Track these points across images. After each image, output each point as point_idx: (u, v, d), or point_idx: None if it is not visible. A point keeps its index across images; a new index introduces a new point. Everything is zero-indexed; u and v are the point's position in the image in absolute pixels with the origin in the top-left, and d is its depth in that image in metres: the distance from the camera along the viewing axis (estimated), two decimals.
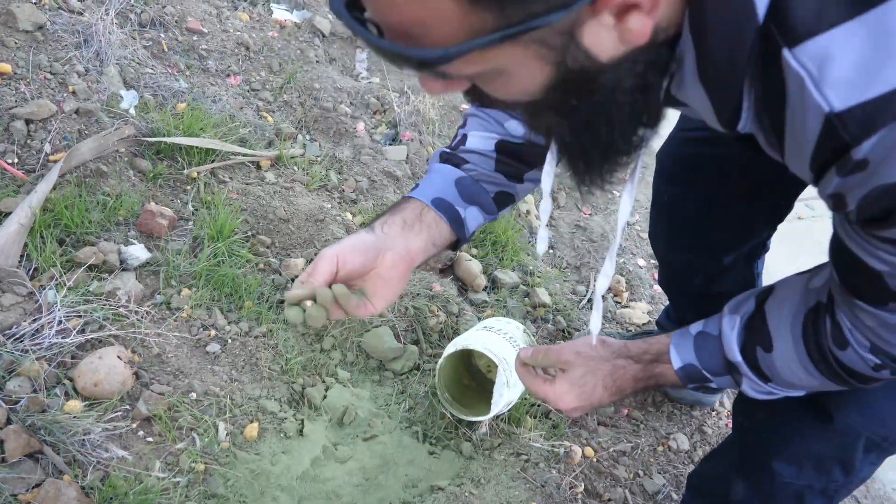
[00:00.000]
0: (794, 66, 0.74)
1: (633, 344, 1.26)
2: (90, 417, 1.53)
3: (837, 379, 1.09)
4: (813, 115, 0.75)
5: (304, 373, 1.88)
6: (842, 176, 0.79)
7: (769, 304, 1.14)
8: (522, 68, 0.78)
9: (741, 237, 1.78)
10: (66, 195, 1.91)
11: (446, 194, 1.33)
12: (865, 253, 0.90)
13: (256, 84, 2.67)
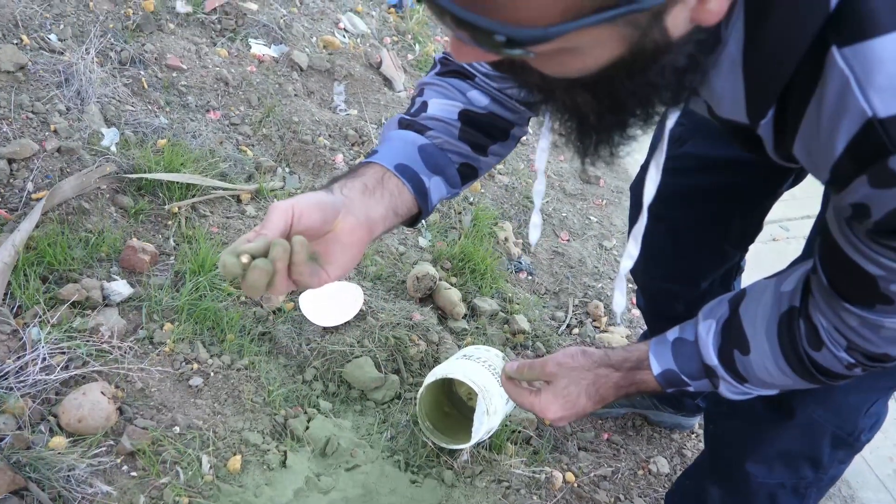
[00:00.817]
0: (841, 65, 0.73)
1: (614, 353, 1.28)
2: (75, 453, 1.55)
3: (811, 378, 1.11)
4: (851, 117, 0.75)
5: (286, 404, 1.90)
6: (875, 187, 0.79)
7: (743, 308, 1.16)
8: (597, 48, 0.73)
9: (714, 262, 1.83)
10: (49, 233, 1.94)
11: (410, 161, 1.19)
12: (862, 257, 0.91)
13: (236, 118, 2.71)
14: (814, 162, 0.86)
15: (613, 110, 0.86)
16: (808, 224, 1.49)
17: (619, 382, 1.28)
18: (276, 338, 2.05)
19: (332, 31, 3.33)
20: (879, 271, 0.91)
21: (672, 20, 0.71)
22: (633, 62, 0.75)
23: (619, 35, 0.71)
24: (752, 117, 0.89)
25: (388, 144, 1.20)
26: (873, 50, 0.71)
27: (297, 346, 2.05)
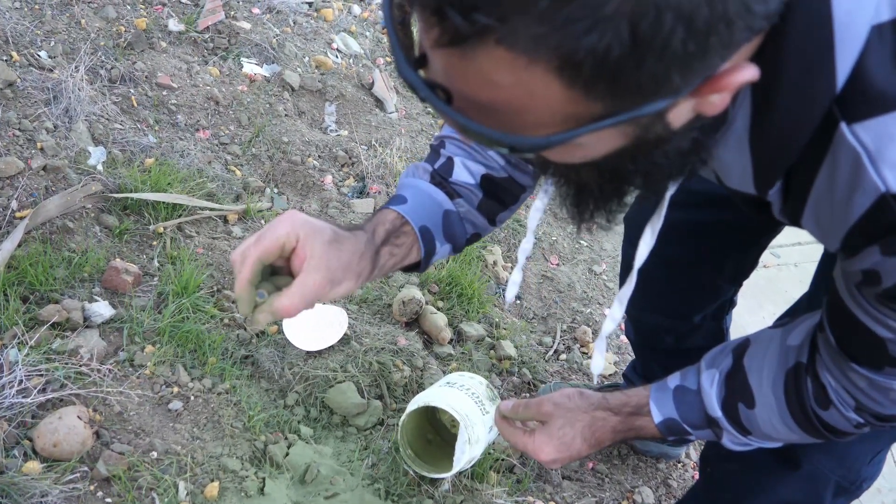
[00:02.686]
0: (851, 141, 0.74)
1: (612, 396, 1.26)
2: (48, 479, 1.53)
3: (817, 435, 1.11)
4: (864, 192, 0.76)
5: (266, 430, 1.89)
6: (886, 255, 0.80)
7: (748, 360, 1.15)
8: (600, 143, 0.75)
9: (707, 297, 1.82)
10: (32, 252, 1.92)
11: (433, 225, 1.25)
12: (871, 319, 0.91)
13: (225, 138, 2.70)
14: (823, 232, 0.88)
15: (615, 183, 0.87)
16: (799, 251, 1.49)
17: (616, 427, 1.26)
18: (259, 361, 2.03)
19: (324, 52, 3.33)
20: (889, 334, 0.90)
21: (674, 115, 0.72)
22: (636, 150, 0.76)
23: (621, 132, 0.72)
24: (761, 188, 0.89)
25: (419, 200, 1.24)
26: (885, 126, 0.72)
27: (279, 370, 2.03)
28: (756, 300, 2.97)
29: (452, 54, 0.63)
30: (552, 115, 0.66)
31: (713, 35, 0.60)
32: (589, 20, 0.56)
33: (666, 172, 0.85)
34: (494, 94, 0.65)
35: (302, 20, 3.41)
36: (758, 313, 2.89)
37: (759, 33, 0.70)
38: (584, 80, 0.61)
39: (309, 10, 3.51)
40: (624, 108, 0.65)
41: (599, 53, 0.58)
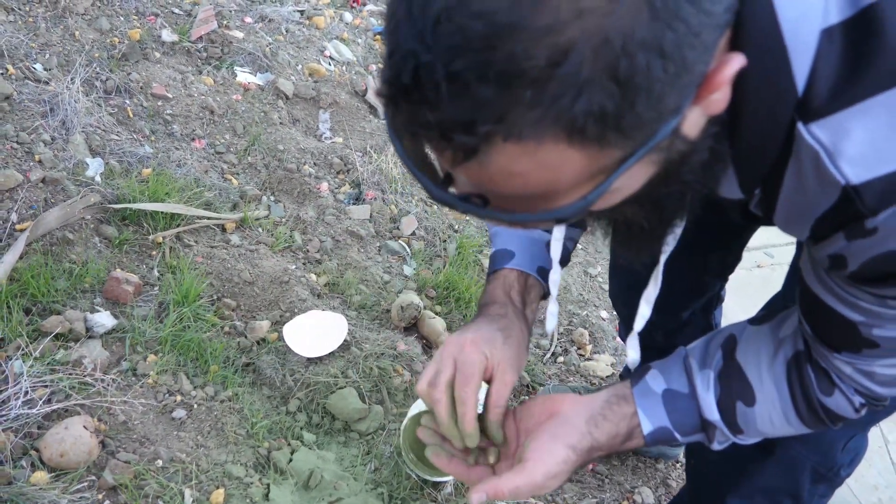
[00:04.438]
0: (809, 140, 0.77)
1: (600, 432, 1.15)
2: (56, 489, 1.54)
3: (817, 423, 1.10)
4: (827, 186, 0.79)
5: (269, 436, 1.90)
6: (849, 240, 0.83)
7: (741, 354, 1.13)
8: (633, 179, 0.78)
9: (695, 293, 1.84)
10: (33, 264, 1.93)
11: (543, 261, 1.34)
12: (841, 303, 0.93)
13: (221, 147, 2.72)
14: (793, 225, 0.90)
15: (657, 212, 0.90)
16: (793, 251, 1.51)
17: (604, 456, 1.23)
18: (260, 369, 2.05)
19: (317, 59, 3.35)
20: (859, 317, 0.92)
21: (688, 127, 0.74)
22: (667, 173, 0.79)
23: (649, 162, 0.75)
24: (747, 193, 0.93)
25: (523, 247, 1.33)
26: (839, 122, 0.75)
27: (280, 377, 2.04)
28: (751, 299, 2.99)
29: (471, 166, 0.68)
30: (581, 178, 0.70)
31: (687, 50, 0.63)
32: (573, 90, 0.60)
33: (697, 188, 0.87)
34: (523, 182, 0.69)
35: (294, 28, 3.43)
36: (752, 312, 2.91)
37: (728, 26, 0.72)
38: (593, 139, 0.65)
39: (301, 18, 3.53)
40: (640, 143, 0.68)
41: (595, 112, 0.62)
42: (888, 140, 0.74)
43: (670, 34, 0.61)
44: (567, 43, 0.59)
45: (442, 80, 0.61)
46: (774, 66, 0.75)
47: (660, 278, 1.15)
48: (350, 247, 2.57)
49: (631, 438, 1.16)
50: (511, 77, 0.60)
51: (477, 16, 0.59)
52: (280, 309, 2.23)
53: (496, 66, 0.60)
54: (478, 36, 0.59)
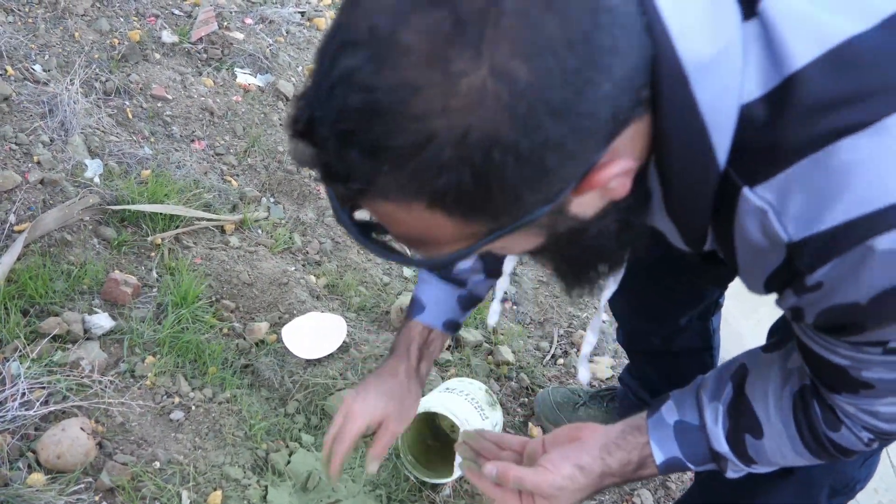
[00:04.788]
0: (757, 202, 0.80)
1: (612, 458, 1.19)
2: (53, 490, 1.54)
3: (829, 457, 1.10)
4: (775, 245, 0.81)
5: (268, 438, 1.90)
6: (798, 296, 0.86)
7: (750, 388, 1.13)
8: (517, 243, 0.87)
9: (692, 301, 1.83)
10: (31, 266, 1.93)
11: (453, 314, 1.53)
12: (825, 350, 0.94)
13: (221, 148, 2.71)
14: (749, 283, 0.95)
15: (579, 262, 0.98)
16: None
17: (619, 483, 1.24)
18: (259, 370, 2.04)
19: None
20: (844, 361, 0.93)
21: (578, 208, 0.81)
22: (557, 243, 0.87)
23: (528, 233, 0.82)
24: (693, 247, 0.96)
25: (435, 300, 1.52)
26: (783, 182, 0.78)
27: (279, 378, 2.04)
28: (750, 304, 2.97)
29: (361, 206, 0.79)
30: (453, 236, 0.77)
31: (547, 156, 0.69)
32: (433, 171, 0.67)
33: (607, 251, 0.94)
34: (405, 229, 0.78)
35: (295, 30, 3.42)
36: (751, 317, 2.90)
37: (627, 124, 0.76)
38: (455, 211, 0.72)
39: (301, 19, 3.52)
40: (503, 223, 0.76)
41: (453, 191, 0.69)
42: (819, 199, 0.77)
43: (526, 141, 0.67)
44: (431, 132, 0.66)
45: (328, 135, 0.69)
46: (696, 143, 0.79)
47: (602, 314, 1.24)
48: (350, 248, 2.57)
49: (644, 467, 1.19)
50: (379, 150, 0.67)
51: (363, 90, 0.66)
52: (279, 310, 2.22)
53: (369, 138, 0.67)
54: (358, 109, 0.67)
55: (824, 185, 0.76)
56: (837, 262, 0.78)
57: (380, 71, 0.66)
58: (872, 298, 0.80)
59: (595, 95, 0.69)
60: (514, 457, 1.32)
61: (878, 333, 0.85)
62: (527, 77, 0.65)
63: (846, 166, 0.75)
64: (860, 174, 0.75)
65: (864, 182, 0.75)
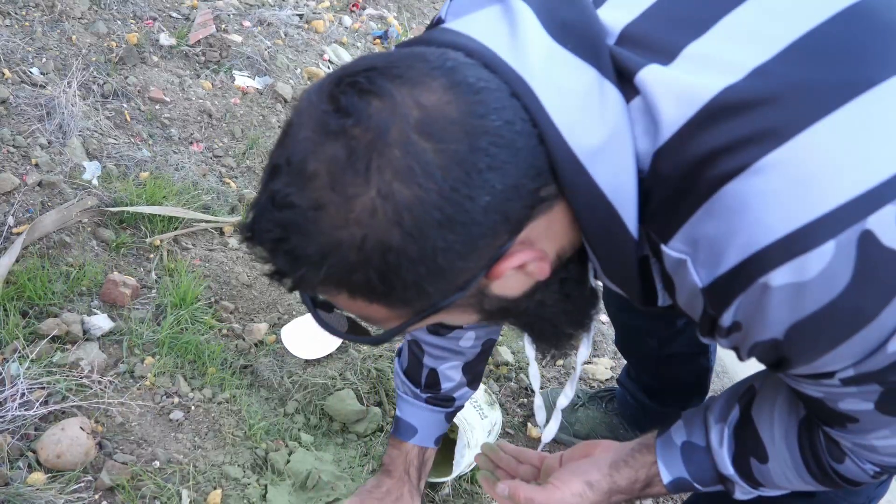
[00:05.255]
0: (674, 254, 0.85)
1: (620, 475, 1.23)
2: (53, 489, 1.54)
3: (834, 486, 1.10)
4: (694, 292, 0.86)
5: (267, 437, 1.90)
6: (725, 337, 0.90)
7: (756, 411, 1.13)
8: (454, 317, 0.96)
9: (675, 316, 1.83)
10: (30, 267, 1.93)
11: (442, 428, 1.69)
12: (795, 384, 0.96)
13: (219, 150, 2.72)
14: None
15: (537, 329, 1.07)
16: None
17: (628, 500, 1.26)
18: (258, 371, 2.05)
19: (316, 63, 3.35)
20: (816, 393, 0.95)
21: (499, 290, 0.91)
22: (495, 315, 0.97)
23: (458, 310, 0.93)
24: (645, 305, 1.00)
25: (425, 423, 1.67)
26: (687, 234, 0.84)
27: (278, 378, 2.04)
28: None
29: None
30: (384, 317, 0.89)
31: (440, 258, 0.79)
32: (345, 269, 0.80)
33: (560, 319, 1.05)
34: (349, 309, 0.90)
35: (293, 32, 3.43)
36: None
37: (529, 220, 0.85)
38: (375, 300, 0.84)
39: (300, 21, 3.53)
40: (421, 309, 0.87)
41: (364, 286, 0.82)
42: (722, 240, 0.81)
43: (414, 247, 0.78)
44: (336, 241, 0.78)
45: (263, 242, 0.83)
46: (607, 221, 0.87)
47: (578, 372, 1.33)
48: None
49: (651, 486, 1.22)
50: (295, 257, 0.80)
51: (284, 206, 0.78)
52: (278, 311, 2.23)
53: (290, 246, 0.80)
54: (280, 223, 0.79)
55: (718, 231, 0.81)
56: (741, 301, 0.82)
57: (295, 192, 0.78)
58: (786, 333, 0.82)
59: (475, 207, 0.78)
60: (532, 471, 1.37)
61: (815, 365, 0.87)
62: (408, 197, 0.76)
63: (731, 210, 0.79)
64: (745, 215, 0.79)
65: (749, 222, 0.78)
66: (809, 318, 0.80)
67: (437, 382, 1.63)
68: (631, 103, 0.85)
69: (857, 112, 0.78)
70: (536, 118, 0.82)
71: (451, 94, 0.78)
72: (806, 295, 0.78)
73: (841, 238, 0.75)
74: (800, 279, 0.77)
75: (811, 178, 0.77)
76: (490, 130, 0.79)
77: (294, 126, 0.81)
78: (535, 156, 0.82)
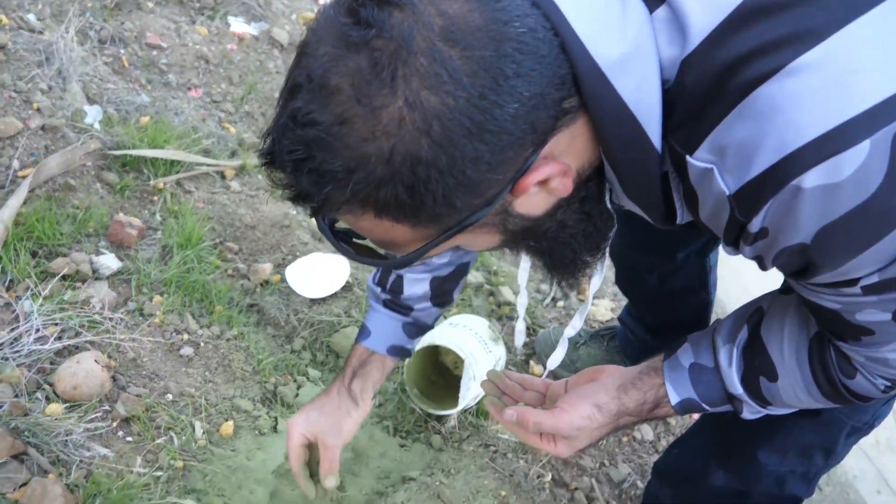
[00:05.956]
0: (700, 165, 0.84)
1: (629, 397, 1.23)
2: (71, 419, 1.57)
3: (844, 402, 1.11)
4: (720, 200, 0.85)
5: (275, 373, 1.93)
6: (750, 245, 0.89)
7: (765, 331, 1.14)
8: (477, 239, 0.96)
9: (693, 234, 1.84)
10: (37, 209, 1.95)
11: (398, 340, 1.60)
12: (813, 296, 0.96)
13: (217, 96, 2.72)
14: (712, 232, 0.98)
15: (552, 255, 1.05)
16: None
17: (636, 422, 1.28)
18: (264, 309, 2.08)
19: (311, 8, 3.34)
20: (834, 305, 0.95)
21: (523, 208, 0.91)
22: (517, 237, 0.97)
23: (482, 231, 0.93)
24: (664, 224, 1.01)
25: (380, 327, 1.60)
26: (715, 141, 0.83)
27: (284, 316, 2.07)
28: None
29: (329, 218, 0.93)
30: (408, 239, 0.89)
31: (468, 169, 0.79)
32: (371, 185, 0.79)
33: (578, 241, 1.02)
34: (370, 234, 0.91)
35: None
36: None
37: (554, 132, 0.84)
38: (401, 218, 0.84)
39: None
40: (447, 226, 0.87)
41: (393, 202, 0.81)
42: (747, 149, 0.80)
43: (444, 158, 0.78)
44: (363, 155, 0.77)
45: (285, 164, 0.81)
46: (631, 134, 0.86)
47: (590, 303, 1.26)
48: None
49: (659, 407, 1.23)
50: (320, 175, 0.79)
51: (306, 125, 0.78)
52: (282, 252, 2.25)
53: (314, 164, 0.79)
54: (303, 141, 0.78)
55: (749, 136, 0.80)
56: (771, 205, 0.81)
57: (318, 109, 0.77)
58: (815, 236, 0.83)
59: (504, 115, 0.78)
60: (538, 397, 1.36)
61: (839, 272, 0.87)
62: (436, 105, 0.76)
63: (763, 113, 0.79)
64: (777, 118, 0.78)
65: (782, 125, 0.78)
66: (840, 220, 0.80)
67: (400, 288, 1.58)
68: (655, 13, 0.84)
69: (893, 11, 0.78)
70: (558, 27, 0.81)
71: (472, 2, 0.78)
72: (838, 196, 0.78)
73: (876, 137, 0.75)
74: (832, 180, 0.77)
75: (846, 78, 0.76)
76: (514, 37, 0.78)
77: (312, 43, 0.80)
78: (559, 65, 0.82)
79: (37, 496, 1.39)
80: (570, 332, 1.36)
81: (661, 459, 1.71)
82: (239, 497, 1.62)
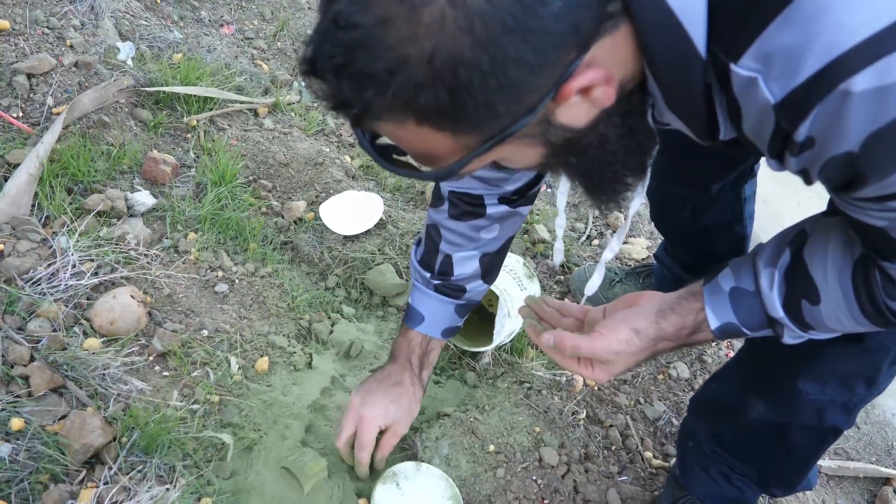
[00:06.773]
0: (744, 73, 0.82)
1: (667, 322, 1.21)
2: (108, 353, 1.59)
3: (888, 325, 1.09)
4: (765, 110, 0.83)
5: (310, 310, 1.94)
6: (796, 156, 0.87)
7: (808, 254, 1.11)
8: (518, 154, 0.94)
9: (728, 166, 1.81)
10: (72, 146, 1.95)
11: (450, 321, 1.64)
12: (859, 213, 0.93)
13: (250, 33, 2.70)
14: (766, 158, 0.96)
15: (593, 173, 1.03)
16: None
17: (674, 348, 1.24)
18: (298, 246, 2.08)
19: None
20: (879, 222, 0.92)
21: (565, 118, 0.89)
22: (559, 151, 0.95)
23: (523, 143, 0.91)
24: (707, 139, 0.99)
25: (433, 311, 1.63)
26: (760, 48, 0.81)
27: (318, 254, 2.07)
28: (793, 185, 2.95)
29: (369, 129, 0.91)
30: (451, 150, 0.88)
31: (510, 70, 0.78)
32: (411, 88, 0.78)
33: (619, 158, 1.00)
34: (409, 145, 0.90)
35: None
36: (793, 197, 2.88)
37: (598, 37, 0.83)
38: (442, 125, 0.83)
39: None
40: (491, 134, 0.85)
41: (434, 107, 0.80)
42: (798, 50, 0.78)
43: (487, 58, 0.76)
44: (403, 57, 0.76)
45: (326, 70, 0.80)
46: (675, 41, 0.84)
47: (628, 224, 1.28)
48: None
49: (698, 332, 1.20)
50: (364, 77, 0.78)
51: (347, 27, 0.77)
52: (315, 189, 2.24)
53: (355, 68, 0.78)
54: (345, 44, 0.78)
55: (796, 40, 0.78)
56: (819, 111, 0.79)
57: (359, 10, 0.76)
58: (863, 144, 0.80)
59: (547, 13, 0.77)
60: (576, 323, 1.35)
61: (888, 183, 0.84)
62: (478, 2, 0.74)
63: (811, 16, 0.76)
64: (824, 20, 0.76)
65: (830, 27, 0.75)
66: (889, 126, 0.77)
67: (450, 269, 1.60)
68: None
69: None
70: None
71: None
72: (888, 100, 0.76)
73: None
74: (883, 83, 0.75)
75: None
76: None
77: None
78: None
79: (76, 428, 1.41)
80: (609, 254, 1.38)
81: (698, 394, 1.70)
82: (275, 431, 1.63)
